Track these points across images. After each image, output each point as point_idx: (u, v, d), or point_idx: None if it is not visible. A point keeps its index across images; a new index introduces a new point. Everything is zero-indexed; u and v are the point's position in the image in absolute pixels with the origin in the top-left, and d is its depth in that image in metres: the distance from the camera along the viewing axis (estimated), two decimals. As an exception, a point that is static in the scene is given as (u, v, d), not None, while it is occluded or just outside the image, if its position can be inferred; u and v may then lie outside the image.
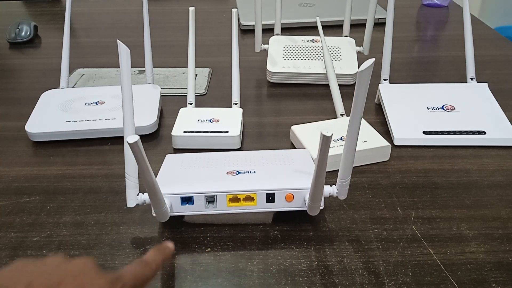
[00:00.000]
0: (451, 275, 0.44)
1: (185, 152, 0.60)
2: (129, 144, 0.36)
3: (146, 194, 0.46)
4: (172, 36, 1.06)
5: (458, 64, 0.85)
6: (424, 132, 0.65)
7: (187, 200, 0.47)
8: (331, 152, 0.58)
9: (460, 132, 0.64)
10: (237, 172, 0.50)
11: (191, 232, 0.49)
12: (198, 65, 0.74)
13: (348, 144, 0.43)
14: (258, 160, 0.54)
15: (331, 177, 0.51)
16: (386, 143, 0.61)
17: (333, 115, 0.70)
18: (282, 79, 0.82)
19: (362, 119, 0.66)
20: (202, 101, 0.78)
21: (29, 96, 0.76)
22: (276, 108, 0.76)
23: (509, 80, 0.84)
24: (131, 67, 0.46)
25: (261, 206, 0.48)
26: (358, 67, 0.81)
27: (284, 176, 0.50)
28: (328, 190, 0.48)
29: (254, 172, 0.50)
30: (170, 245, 0.42)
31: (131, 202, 0.47)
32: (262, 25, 0.82)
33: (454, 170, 0.59)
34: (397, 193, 0.55)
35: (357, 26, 0.90)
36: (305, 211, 0.48)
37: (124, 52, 0.45)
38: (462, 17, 0.74)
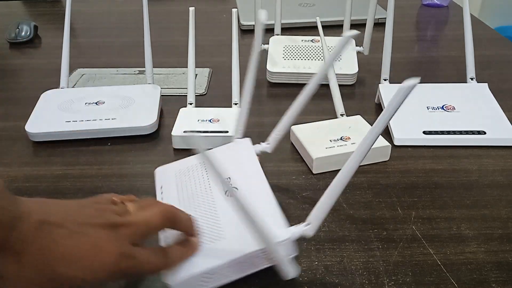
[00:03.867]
0: (451, 275, 0.44)
1: (185, 152, 0.60)
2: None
3: None
4: (172, 36, 1.06)
5: (458, 64, 0.85)
6: (424, 132, 0.65)
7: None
8: (330, 152, 0.59)
9: (460, 132, 0.64)
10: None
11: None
12: (198, 65, 0.74)
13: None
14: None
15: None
16: (386, 143, 0.61)
17: (333, 115, 0.70)
18: (282, 79, 0.82)
19: (362, 119, 0.67)
20: (202, 101, 0.78)
21: (29, 96, 0.76)
22: (276, 108, 0.75)
23: (509, 80, 0.84)
24: (131, 67, 0.46)
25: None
26: (358, 67, 0.82)
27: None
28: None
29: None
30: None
31: None
32: (262, 25, 0.82)
33: (454, 170, 0.59)
34: (397, 193, 0.55)
35: (357, 26, 0.89)
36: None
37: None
38: (462, 17, 0.74)
